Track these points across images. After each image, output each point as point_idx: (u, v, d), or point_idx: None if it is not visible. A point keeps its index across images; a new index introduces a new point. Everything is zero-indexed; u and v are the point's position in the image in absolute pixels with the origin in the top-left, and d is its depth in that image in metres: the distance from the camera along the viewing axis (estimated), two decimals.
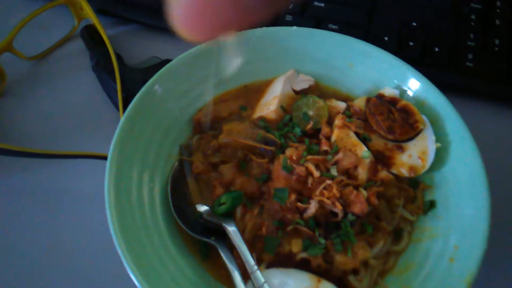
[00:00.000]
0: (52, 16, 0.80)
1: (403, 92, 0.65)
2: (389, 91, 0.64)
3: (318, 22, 0.81)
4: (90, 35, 0.79)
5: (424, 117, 0.61)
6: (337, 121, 0.62)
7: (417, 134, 0.60)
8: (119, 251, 0.48)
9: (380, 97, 0.64)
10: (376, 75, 0.68)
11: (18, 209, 0.66)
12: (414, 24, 0.81)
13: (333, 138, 0.61)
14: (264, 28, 0.70)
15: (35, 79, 0.78)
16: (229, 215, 0.57)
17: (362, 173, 0.58)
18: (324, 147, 0.61)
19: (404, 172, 0.59)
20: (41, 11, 0.77)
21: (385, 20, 0.82)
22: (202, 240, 0.55)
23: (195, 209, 0.58)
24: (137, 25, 0.85)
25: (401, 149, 0.60)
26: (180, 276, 0.52)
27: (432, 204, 0.58)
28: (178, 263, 0.53)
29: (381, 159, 0.60)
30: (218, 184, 0.59)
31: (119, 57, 0.75)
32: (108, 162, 0.54)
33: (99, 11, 0.83)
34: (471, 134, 0.59)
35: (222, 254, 0.54)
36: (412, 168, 0.59)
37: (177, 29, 0.26)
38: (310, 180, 0.57)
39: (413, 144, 0.60)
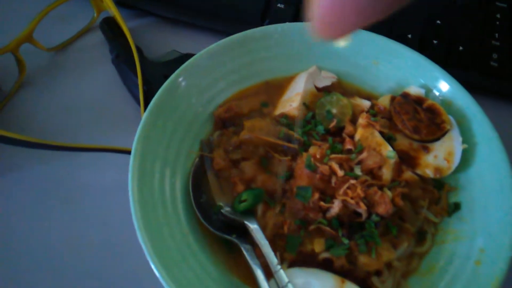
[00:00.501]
0: (71, 7, 0.80)
1: (429, 92, 0.64)
2: (414, 90, 0.63)
3: None
4: (109, 27, 0.79)
5: (451, 118, 0.60)
6: (361, 120, 0.61)
7: (443, 135, 0.59)
8: (143, 246, 0.48)
9: (405, 96, 0.63)
10: (402, 74, 0.67)
11: (38, 201, 0.66)
12: (439, 22, 0.80)
13: (357, 137, 0.61)
14: (287, 23, 0.69)
15: (54, 70, 0.78)
16: (250, 213, 0.57)
17: (386, 173, 0.57)
18: (348, 146, 0.60)
19: (429, 173, 0.58)
20: (61, 2, 0.76)
21: (409, 17, 0.81)
22: (223, 237, 0.55)
23: (216, 205, 0.57)
24: (156, 18, 0.84)
25: (427, 150, 0.59)
26: (202, 273, 0.51)
27: (456, 206, 0.57)
28: (200, 259, 0.53)
29: (406, 159, 0.59)
30: (238, 180, 0.59)
31: (139, 50, 0.75)
32: (131, 157, 0.54)
33: (118, 3, 0.82)
34: (498, 136, 0.58)
35: (244, 252, 0.53)
36: (437, 169, 0.58)
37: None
38: (333, 179, 0.56)
39: (439, 145, 0.59)
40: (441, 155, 0.58)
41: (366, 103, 0.65)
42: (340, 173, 0.56)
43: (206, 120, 0.65)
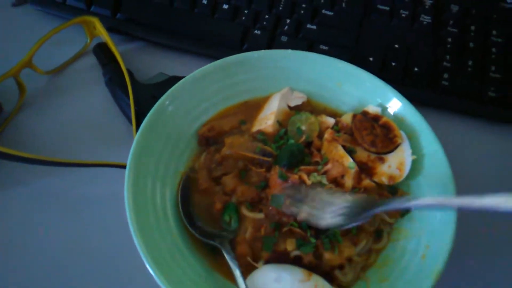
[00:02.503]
0: (66, 33, 0.87)
1: (384, 109, 0.74)
2: (372, 108, 0.73)
3: (310, 43, 0.89)
4: (102, 52, 0.86)
5: (402, 133, 0.70)
6: (327, 135, 0.71)
7: (395, 148, 0.69)
8: (138, 247, 0.56)
9: (365, 114, 0.72)
10: (361, 94, 0.77)
11: (38, 213, 0.73)
12: (397, 46, 0.90)
13: (323, 150, 0.70)
14: (263, 50, 0.78)
15: (52, 92, 0.85)
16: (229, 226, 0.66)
17: (348, 181, 0.66)
18: (315, 158, 0.69)
19: (385, 180, 0.67)
20: (59, 30, 0.84)
21: (370, 42, 0.91)
22: (208, 242, 0.63)
23: (201, 221, 0.66)
24: (145, 43, 0.92)
25: (382, 161, 0.69)
26: (190, 271, 0.60)
27: (407, 209, 0.67)
28: (188, 259, 0.61)
29: (365, 169, 0.68)
30: (217, 200, 0.67)
31: (130, 74, 0.83)
32: (126, 172, 0.62)
33: (109, 29, 0.90)
34: (442, 147, 0.68)
35: (225, 254, 0.62)
36: (391, 177, 0.67)
37: None
38: (302, 188, 0.65)
39: (392, 156, 0.69)
40: (394, 165, 0.68)
41: (331, 120, 0.75)
42: (309, 182, 0.65)
43: (191, 138, 0.73)
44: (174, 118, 0.71)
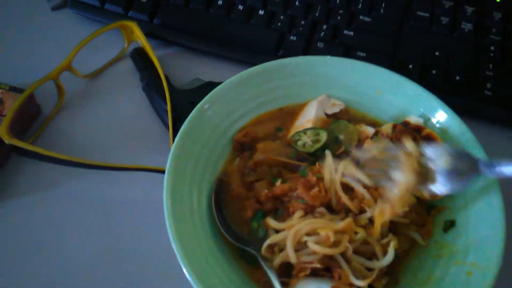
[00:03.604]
0: (104, 38, 0.88)
1: (427, 120, 0.72)
2: (414, 119, 0.70)
3: (347, 49, 0.88)
4: (140, 56, 0.87)
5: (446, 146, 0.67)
6: (366, 145, 0.69)
7: None
8: (178, 255, 0.56)
9: (406, 124, 0.70)
10: (402, 103, 0.75)
11: (75, 216, 0.73)
12: (437, 53, 0.88)
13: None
14: (301, 56, 0.77)
15: (89, 95, 0.86)
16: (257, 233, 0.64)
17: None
18: None
19: (426, 194, 0.65)
20: (98, 34, 0.85)
21: (409, 49, 0.89)
22: (243, 248, 0.62)
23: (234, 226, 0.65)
24: (180, 48, 0.92)
25: None
26: (226, 280, 0.59)
27: (452, 224, 0.64)
28: (225, 268, 0.60)
29: None
30: (248, 206, 0.65)
31: (167, 79, 0.83)
32: (165, 176, 0.62)
33: (146, 34, 0.90)
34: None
35: (261, 263, 0.60)
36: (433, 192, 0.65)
37: None
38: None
39: None
40: None
41: (370, 130, 0.73)
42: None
43: (226, 144, 0.73)
44: (212, 123, 0.71)
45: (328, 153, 0.65)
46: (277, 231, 0.61)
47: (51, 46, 0.92)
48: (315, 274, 0.59)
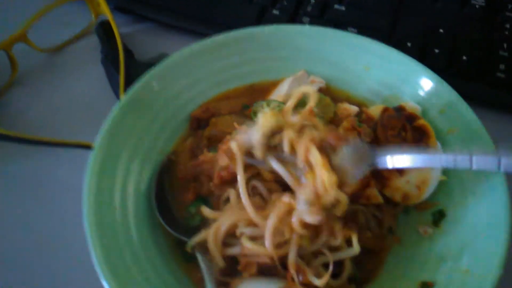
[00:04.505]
0: (71, 11, 0.81)
1: (424, 102, 0.59)
2: (411, 105, 0.59)
3: (337, 25, 0.77)
4: (104, 30, 0.79)
5: (439, 144, 0.55)
6: (346, 123, 0.57)
7: None
8: (88, 237, 0.45)
9: (399, 109, 0.58)
10: (394, 81, 0.63)
11: (16, 195, 0.65)
12: (441, 31, 0.76)
13: None
14: (275, 25, 0.67)
15: (46, 71, 0.79)
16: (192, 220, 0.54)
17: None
18: None
19: (397, 197, 0.53)
20: (57, 5, 0.78)
21: (409, 26, 0.77)
22: (183, 239, 0.51)
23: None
24: (152, 24, 0.84)
25: (401, 173, 0.54)
26: (154, 277, 0.48)
27: (441, 214, 0.52)
28: (155, 262, 0.49)
29: (377, 177, 0.53)
30: (192, 188, 0.55)
31: (129, 53, 0.75)
32: (94, 150, 0.52)
33: (116, 8, 0.83)
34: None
35: (198, 256, 0.49)
36: (406, 196, 0.53)
37: None
38: None
39: (416, 170, 0.53)
40: (414, 182, 0.53)
41: (353, 108, 0.61)
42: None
43: (183, 121, 0.63)
44: (164, 96, 0.61)
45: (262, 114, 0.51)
46: None
47: (7, 13, 0.85)
48: (266, 271, 0.48)
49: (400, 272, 0.50)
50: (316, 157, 0.45)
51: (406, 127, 0.56)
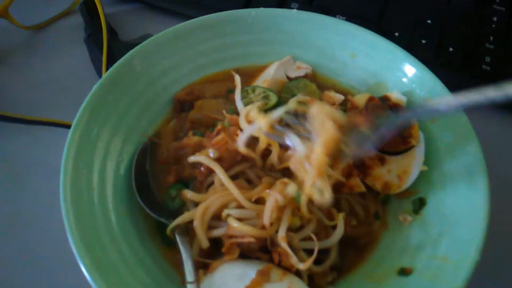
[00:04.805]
0: None
1: (408, 90, 0.59)
2: (396, 95, 0.58)
3: (325, 12, 0.76)
4: (88, 9, 0.77)
5: (421, 134, 0.55)
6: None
7: (406, 150, 0.54)
8: (64, 217, 0.44)
9: (384, 99, 0.58)
10: (380, 68, 0.63)
11: None
12: (429, 22, 0.76)
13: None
14: (261, 8, 0.66)
15: (28, 48, 0.77)
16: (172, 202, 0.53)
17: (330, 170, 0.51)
18: None
19: (378, 186, 0.53)
20: None
21: (397, 15, 0.77)
22: (162, 222, 0.50)
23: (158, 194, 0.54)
24: (138, 4, 0.82)
25: (383, 161, 0.54)
26: (131, 257, 0.47)
27: (422, 202, 0.52)
28: (133, 244, 0.48)
29: (359, 166, 0.54)
30: (173, 171, 0.54)
31: (113, 32, 0.73)
32: (72, 127, 0.51)
33: None
34: (477, 138, 0.53)
35: (177, 238, 0.49)
36: (386, 185, 0.53)
37: None
38: None
39: (397, 160, 0.54)
40: (395, 171, 0.53)
41: (339, 97, 0.61)
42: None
43: (167, 102, 0.62)
44: (147, 76, 0.60)
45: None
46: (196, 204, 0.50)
47: None
48: (247, 255, 0.48)
49: (379, 259, 0.50)
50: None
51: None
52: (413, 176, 0.53)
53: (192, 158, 0.50)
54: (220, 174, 0.48)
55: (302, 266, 0.44)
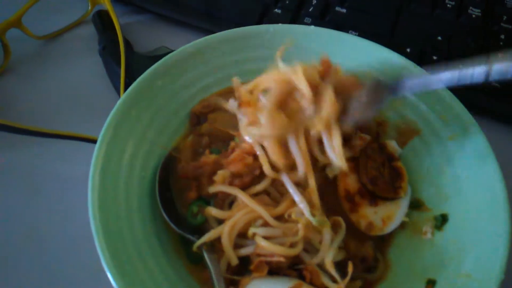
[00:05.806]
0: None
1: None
2: (392, 145, 0.61)
3: (337, 28, 0.77)
4: (101, 20, 0.77)
5: (409, 188, 0.57)
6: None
7: (393, 199, 0.56)
8: (94, 235, 0.44)
9: (382, 147, 0.61)
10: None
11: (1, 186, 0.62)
12: (440, 38, 0.77)
13: None
14: (280, 24, 0.66)
15: (41, 58, 0.76)
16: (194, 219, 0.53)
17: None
18: None
19: (362, 225, 0.55)
20: None
21: (409, 31, 0.78)
22: (189, 238, 0.50)
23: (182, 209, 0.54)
24: (151, 15, 0.83)
25: (373, 203, 0.56)
26: (159, 275, 0.47)
27: (444, 218, 0.53)
28: (160, 261, 0.49)
29: (349, 201, 0.56)
30: (194, 187, 0.55)
31: (128, 44, 0.73)
32: (98, 144, 0.51)
33: None
34: (494, 155, 0.54)
35: (205, 255, 0.49)
36: (370, 225, 0.55)
37: None
38: None
39: (384, 205, 0.56)
40: (381, 215, 0.55)
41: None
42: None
43: (186, 116, 0.62)
44: (168, 91, 0.60)
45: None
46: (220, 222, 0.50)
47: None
48: (276, 272, 0.48)
49: (406, 273, 0.51)
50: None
51: (385, 164, 0.59)
52: (395, 223, 0.56)
53: (211, 189, 0.51)
54: (243, 198, 0.49)
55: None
